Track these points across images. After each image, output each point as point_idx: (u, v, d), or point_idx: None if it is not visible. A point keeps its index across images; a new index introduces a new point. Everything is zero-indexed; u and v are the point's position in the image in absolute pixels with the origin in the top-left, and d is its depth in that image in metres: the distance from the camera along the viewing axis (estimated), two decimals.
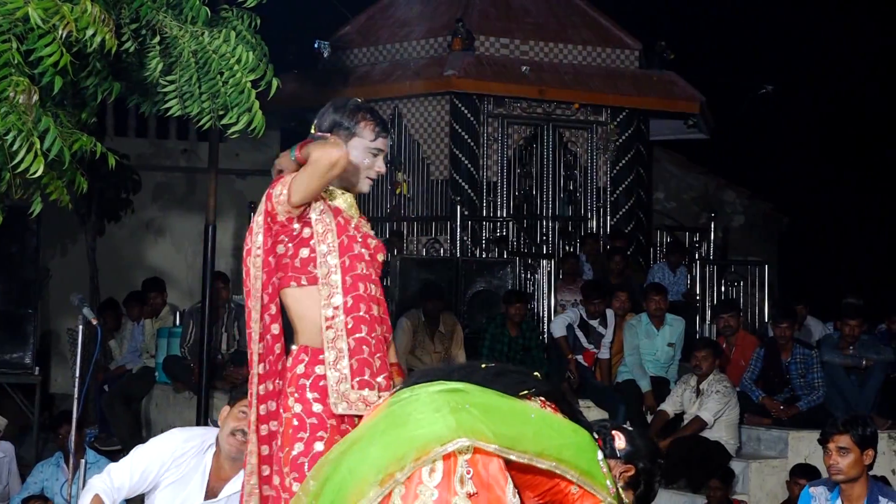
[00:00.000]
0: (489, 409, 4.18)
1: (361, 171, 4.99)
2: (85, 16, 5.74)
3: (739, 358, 11.94)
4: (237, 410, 5.93)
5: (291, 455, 4.78)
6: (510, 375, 4.37)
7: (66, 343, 14.93)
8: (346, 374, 4.79)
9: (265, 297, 4.92)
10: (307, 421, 4.79)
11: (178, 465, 5.94)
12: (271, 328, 4.94)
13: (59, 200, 7.03)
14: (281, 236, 4.90)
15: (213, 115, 7.13)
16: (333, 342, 4.82)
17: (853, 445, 6.60)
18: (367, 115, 5.01)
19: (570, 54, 16.39)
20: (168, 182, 17.36)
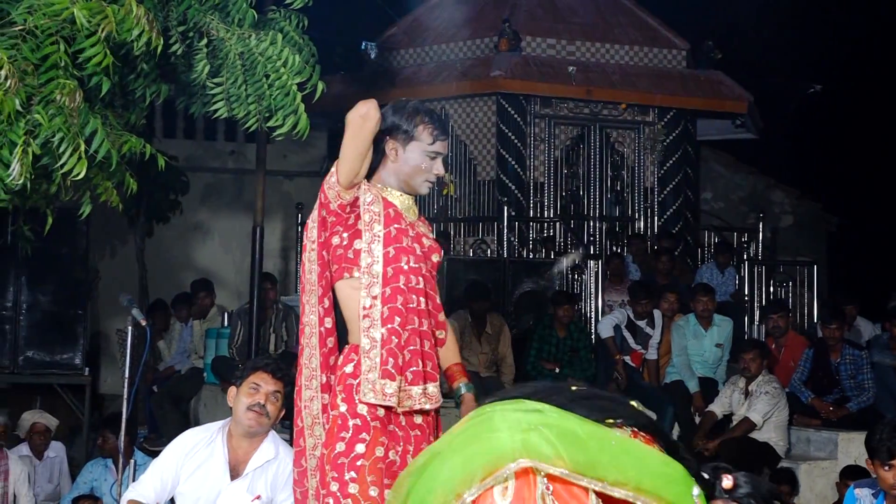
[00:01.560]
0: (564, 432, 4.08)
1: (420, 173, 5.01)
2: (130, 17, 5.78)
3: (789, 359, 11.88)
4: (247, 387, 5.96)
5: (333, 454, 4.79)
6: (598, 401, 4.25)
7: (115, 344, 15.03)
8: (376, 363, 4.79)
9: (319, 290, 4.97)
10: (350, 422, 4.80)
11: (192, 457, 5.98)
12: (324, 321, 4.99)
13: (109, 202, 7.08)
14: (336, 227, 4.93)
15: (259, 118, 7.16)
16: (368, 331, 4.83)
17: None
18: (426, 118, 5.03)
19: (617, 54, 16.35)
20: (216, 183, 17.43)
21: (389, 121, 4.98)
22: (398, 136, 4.97)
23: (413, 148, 4.98)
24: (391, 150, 4.98)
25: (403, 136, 4.97)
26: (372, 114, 4.75)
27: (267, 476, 5.91)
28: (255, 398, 5.92)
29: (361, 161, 4.82)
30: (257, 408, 5.90)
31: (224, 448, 5.98)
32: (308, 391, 4.98)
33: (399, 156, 4.99)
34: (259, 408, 5.90)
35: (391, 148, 4.98)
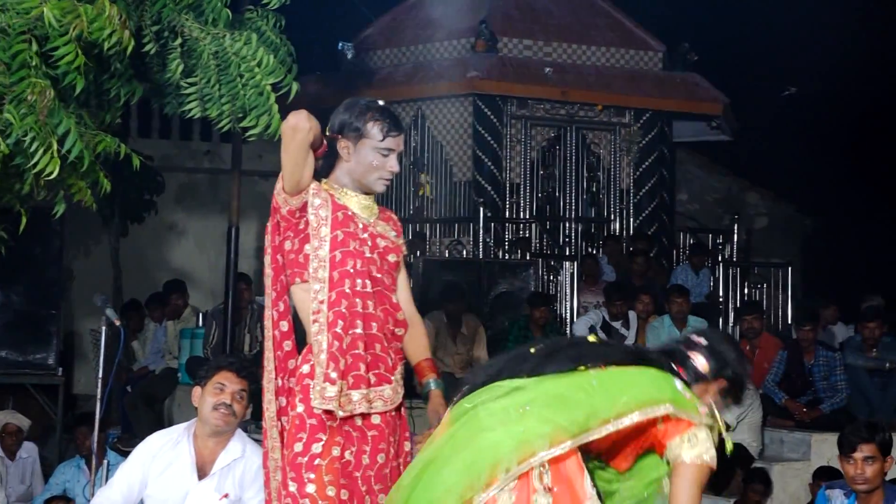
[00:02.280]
0: (551, 399, 4.15)
1: (373, 171, 4.96)
2: (101, 17, 5.76)
3: (762, 360, 11.90)
4: (212, 387, 5.95)
5: (291, 454, 4.79)
6: (563, 352, 4.32)
7: (89, 344, 14.97)
8: (322, 368, 4.78)
9: (273, 293, 4.96)
10: (307, 422, 4.79)
11: (158, 460, 5.98)
12: (279, 325, 4.98)
13: (83, 201, 7.06)
14: (287, 231, 4.93)
15: (233, 118, 7.15)
16: (316, 336, 4.81)
17: (878, 454, 6.53)
18: (376, 115, 4.97)
19: (594, 56, 16.38)
20: (191, 183, 17.40)
21: (339, 120, 4.98)
22: (349, 134, 4.94)
23: (364, 145, 4.93)
24: (343, 148, 4.95)
25: (354, 134, 4.93)
26: (301, 125, 4.70)
27: (234, 474, 5.90)
28: (220, 398, 5.91)
29: (301, 170, 4.79)
30: (223, 408, 5.89)
31: (190, 449, 5.97)
32: (267, 394, 4.99)
33: (351, 155, 4.94)
34: (225, 407, 5.89)
35: (342, 147, 4.95)
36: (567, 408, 4.13)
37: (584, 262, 14.28)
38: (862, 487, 6.58)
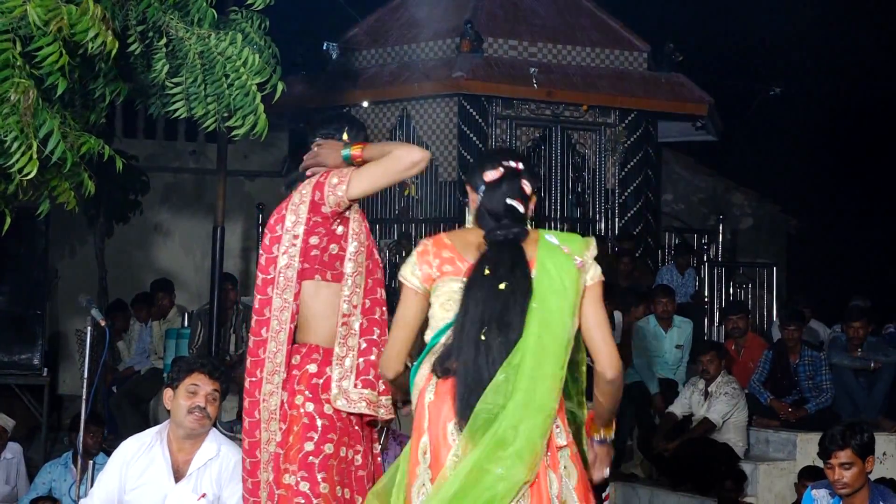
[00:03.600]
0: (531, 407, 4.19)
1: None
2: (85, 18, 5.74)
3: (748, 360, 11.94)
4: (185, 389, 5.94)
5: (301, 454, 4.83)
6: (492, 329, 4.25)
7: (74, 344, 14.94)
8: (351, 371, 4.86)
9: (296, 287, 5.00)
10: (318, 422, 4.86)
11: (134, 466, 5.98)
12: (295, 318, 5.03)
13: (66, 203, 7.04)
14: (318, 228, 4.99)
15: (218, 117, 7.13)
16: (345, 339, 4.90)
17: (855, 458, 6.55)
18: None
19: (579, 56, 16.39)
20: (177, 183, 17.37)
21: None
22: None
23: None
24: None
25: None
26: (422, 165, 4.90)
27: (211, 474, 5.90)
28: (194, 400, 5.90)
29: (378, 190, 5.02)
30: (197, 411, 5.89)
31: (164, 452, 5.97)
32: (269, 385, 4.98)
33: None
34: (199, 410, 5.89)
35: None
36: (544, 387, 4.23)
37: None
38: (843, 491, 6.61)
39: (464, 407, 4.19)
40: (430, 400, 4.29)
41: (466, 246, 4.40)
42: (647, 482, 11.23)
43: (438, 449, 4.22)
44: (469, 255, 4.37)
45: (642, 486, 11.13)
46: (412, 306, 4.43)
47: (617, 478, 11.10)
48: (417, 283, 4.39)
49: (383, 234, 15.53)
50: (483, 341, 4.21)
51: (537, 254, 4.37)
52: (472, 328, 4.22)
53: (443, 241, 4.45)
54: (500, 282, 4.25)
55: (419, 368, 4.36)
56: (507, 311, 4.24)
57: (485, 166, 4.53)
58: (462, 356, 4.22)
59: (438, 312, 4.38)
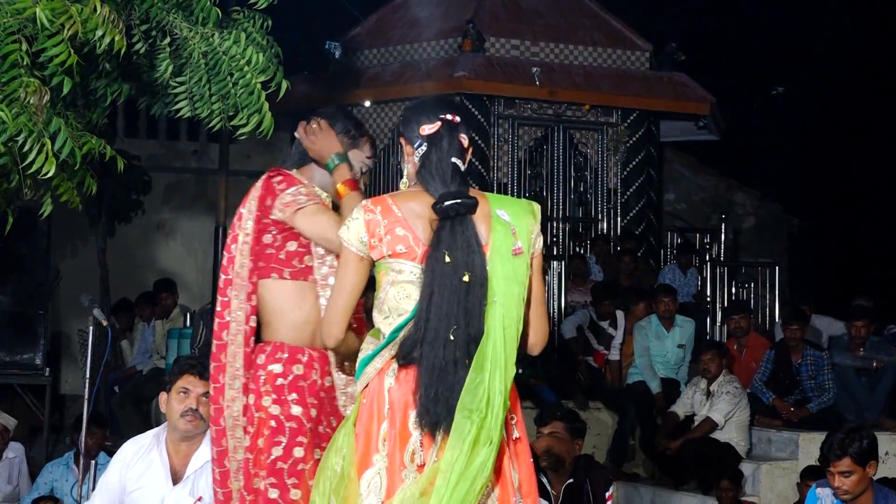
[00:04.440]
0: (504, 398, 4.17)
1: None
2: (94, 17, 5.75)
3: (750, 360, 11.93)
4: (176, 392, 5.94)
5: (269, 459, 4.72)
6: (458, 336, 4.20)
7: (76, 344, 14.95)
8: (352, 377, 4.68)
9: (249, 286, 4.88)
10: (286, 425, 4.73)
11: (133, 468, 5.99)
12: (250, 319, 4.88)
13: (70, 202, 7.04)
14: (271, 228, 4.90)
15: (223, 117, 7.13)
16: (341, 366, 4.81)
17: (855, 466, 6.53)
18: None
19: (581, 56, 16.37)
20: (179, 183, 17.38)
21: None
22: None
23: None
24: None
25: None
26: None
27: (207, 476, 5.88)
28: (186, 403, 5.90)
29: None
30: (190, 414, 5.89)
31: (162, 455, 5.97)
32: (231, 391, 4.85)
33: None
34: (192, 413, 5.89)
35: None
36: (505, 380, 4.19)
37: (571, 261, 14.28)
38: (845, 498, 6.60)
39: (427, 400, 4.12)
40: (391, 385, 4.20)
41: (417, 218, 4.26)
42: (650, 482, 11.23)
43: (397, 437, 4.16)
44: (420, 231, 4.24)
45: (645, 486, 11.13)
46: (356, 272, 4.30)
47: (619, 477, 11.11)
48: (365, 249, 4.25)
49: None
50: (451, 340, 4.14)
51: (492, 238, 4.28)
52: (440, 324, 4.14)
53: (392, 211, 4.26)
54: (461, 271, 4.16)
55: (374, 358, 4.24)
56: (469, 304, 4.16)
57: (420, 119, 4.40)
58: (427, 350, 4.14)
59: (394, 300, 4.25)
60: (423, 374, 4.15)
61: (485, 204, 4.35)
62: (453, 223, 4.21)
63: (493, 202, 4.40)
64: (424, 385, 4.14)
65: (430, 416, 4.13)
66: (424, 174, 4.34)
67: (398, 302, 4.24)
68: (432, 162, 4.34)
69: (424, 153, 4.36)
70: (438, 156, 4.34)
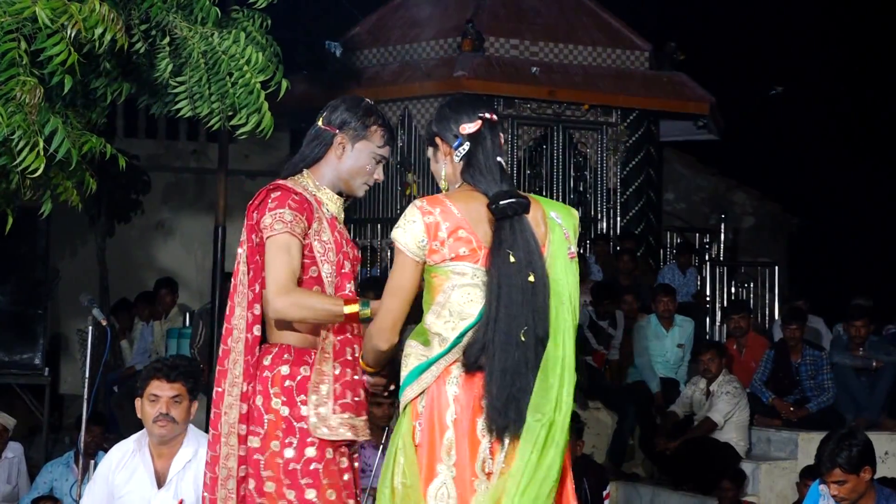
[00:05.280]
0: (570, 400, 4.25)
1: (363, 174, 4.87)
2: (94, 15, 5.75)
3: (750, 359, 11.93)
4: (147, 398, 5.94)
5: (282, 460, 4.64)
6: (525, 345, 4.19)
7: (75, 344, 14.94)
8: (328, 397, 4.64)
9: (250, 295, 4.75)
10: (296, 426, 4.64)
11: (120, 472, 5.99)
12: (253, 328, 4.75)
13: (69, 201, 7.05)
14: None
15: (223, 116, 7.13)
16: (320, 364, 4.67)
17: (847, 475, 6.53)
18: (380, 121, 4.89)
19: (580, 55, 16.37)
20: (178, 183, 17.37)
21: (342, 117, 4.85)
22: (348, 132, 4.83)
23: (361, 147, 4.84)
24: (339, 144, 4.82)
25: (353, 133, 4.82)
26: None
27: (188, 478, 5.88)
28: (157, 408, 5.89)
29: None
30: (161, 419, 5.88)
31: (146, 458, 5.97)
32: (229, 398, 4.73)
33: (345, 153, 4.83)
34: (162, 417, 5.88)
35: (339, 143, 4.82)
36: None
37: None
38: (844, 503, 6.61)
39: (499, 404, 4.09)
40: (456, 393, 4.16)
41: (478, 221, 4.21)
42: (649, 481, 11.23)
43: (468, 446, 4.12)
44: (481, 233, 4.19)
45: (644, 486, 11.13)
46: (412, 276, 4.24)
47: (618, 477, 11.11)
48: (422, 254, 4.20)
49: (384, 233, 15.52)
50: (523, 342, 4.11)
51: (550, 240, 4.28)
52: (511, 325, 4.10)
53: (452, 213, 4.22)
54: (526, 270, 4.13)
55: (433, 364, 4.19)
56: (536, 304, 4.14)
57: (459, 117, 4.37)
58: (498, 352, 4.09)
59: (457, 304, 4.21)
60: (495, 377, 4.11)
61: (536, 205, 4.33)
62: (512, 223, 4.18)
63: (545, 204, 4.39)
64: (497, 388, 4.10)
65: (502, 420, 4.10)
66: (473, 173, 4.31)
67: (462, 306, 4.21)
68: (480, 161, 4.31)
69: (468, 152, 4.33)
70: (484, 154, 4.32)
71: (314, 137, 4.90)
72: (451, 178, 4.41)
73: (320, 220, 4.77)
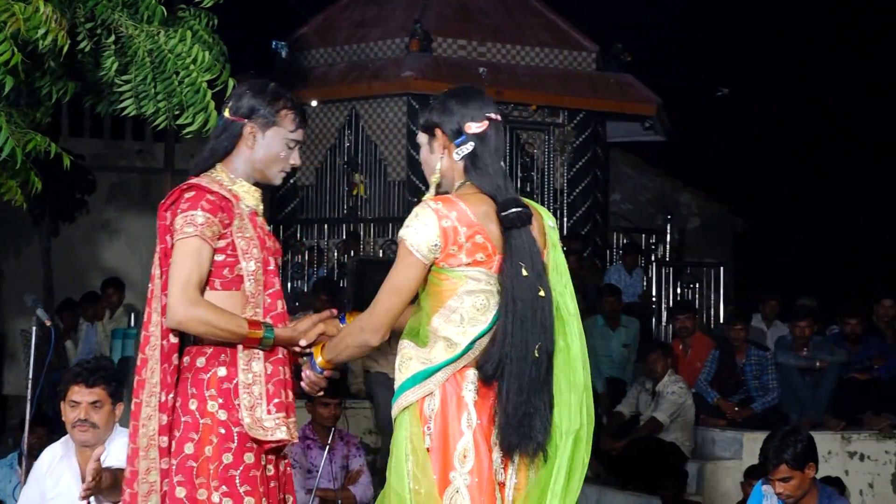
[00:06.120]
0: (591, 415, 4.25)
1: (278, 162, 4.66)
2: (36, 15, 5.70)
3: (695, 359, 11.98)
4: (67, 405, 5.87)
5: (221, 467, 4.44)
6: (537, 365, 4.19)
7: (19, 344, 14.83)
8: (261, 398, 4.51)
9: (164, 299, 4.52)
10: (234, 430, 4.47)
11: (50, 476, 5.95)
12: (169, 335, 4.53)
13: (14, 200, 6.99)
14: None
15: (169, 115, 7.10)
16: (249, 364, 4.51)
17: (792, 471, 6.58)
18: (289, 104, 4.66)
19: (528, 56, 16.41)
20: (123, 182, 17.28)
21: (249, 104, 4.63)
22: (257, 120, 4.61)
23: (273, 134, 4.61)
24: (249, 134, 4.61)
25: (263, 120, 4.60)
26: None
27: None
28: (76, 414, 5.81)
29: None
30: (80, 424, 5.80)
31: (73, 462, 5.92)
32: (147, 409, 4.51)
33: (256, 142, 4.62)
34: (81, 423, 5.80)
35: (249, 133, 4.61)
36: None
37: None
38: (788, 502, 6.65)
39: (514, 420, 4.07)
40: (475, 399, 4.11)
41: (490, 224, 4.14)
42: (595, 481, 11.24)
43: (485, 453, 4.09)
44: (494, 238, 4.11)
45: (590, 486, 11.14)
46: (417, 277, 4.17)
47: None
48: (431, 257, 4.11)
49: (332, 233, 15.50)
50: (536, 357, 4.09)
51: (552, 252, 4.27)
52: (526, 340, 4.07)
53: (468, 216, 4.11)
54: (537, 285, 4.11)
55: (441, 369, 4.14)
56: (544, 319, 4.12)
57: (464, 113, 4.28)
58: (515, 368, 4.07)
59: (470, 309, 4.14)
60: (512, 394, 4.07)
61: (537, 214, 4.28)
62: (521, 233, 4.13)
63: (541, 211, 4.35)
64: (513, 406, 4.07)
65: (516, 437, 4.08)
66: (480, 176, 4.23)
67: (475, 312, 4.14)
68: (487, 164, 4.23)
69: (473, 152, 4.25)
70: (490, 157, 4.24)
71: (222, 130, 4.70)
72: (448, 172, 4.33)
73: (241, 216, 4.57)
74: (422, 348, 4.18)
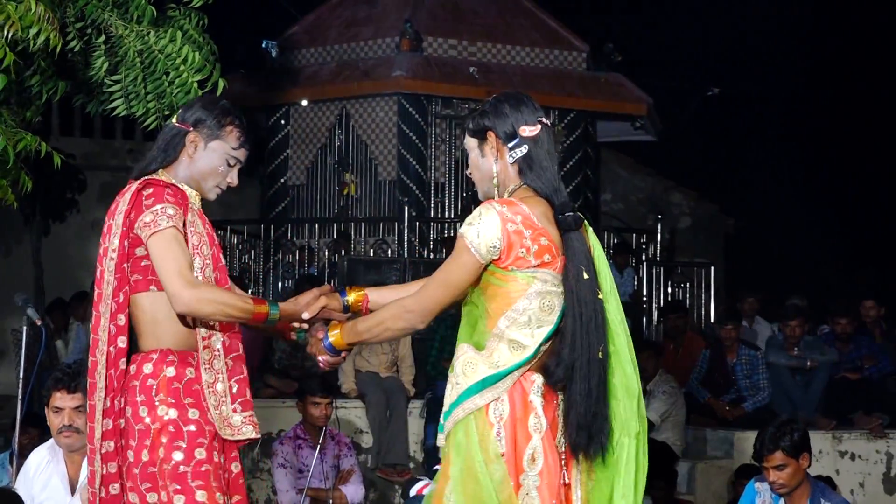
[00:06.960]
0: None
1: (215, 176, 4.66)
2: (29, 14, 5.70)
3: (686, 359, 11.98)
4: (51, 411, 5.92)
5: (171, 465, 4.43)
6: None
7: (10, 344, 14.81)
8: (225, 396, 4.52)
9: (114, 306, 4.50)
10: (184, 429, 4.45)
11: (38, 478, 5.97)
12: (117, 340, 4.50)
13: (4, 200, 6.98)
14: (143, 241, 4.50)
15: (159, 115, 7.09)
16: (210, 363, 4.52)
17: (788, 458, 6.61)
18: (236, 122, 4.68)
19: (518, 56, 16.41)
20: (114, 182, 17.22)
21: (197, 115, 4.65)
22: (202, 130, 4.62)
23: (215, 147, 4.63)
24: (191, 143, 4.61)
25: (208, 132, 4.62)
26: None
27: None
28: (60, 420, 5.86)
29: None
30: (65, 430, 5.85)
31: (61, 465, 5.96)
32: (96, 413, 4.52)
33: (197, 151, 4.62)
34: (66, 429, 5.85)
35: (191, 141, 4.61)
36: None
37: None
38: (781, 491, 6.68)
39: (584, 422, 4.13)
40: (543, 403, 4.13)
41: (550, 226, 4.17)
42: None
43: (552, 454, 4.13)
44: (555, 238, 4.15)
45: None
46: (472, 276, 4.18)
47: None
48: (489, 257, 4.12)
49: (322, 233, 15.48)
50: (600, 360, 4.17)
51: (598, 256, 4.31)
52: (591, 342, 4.15)
53: (532, 220, 4.13)
54: (595, 288, 4.17)
55: (509, 374, 4.12)
56: (601, 322, 4.19)
57: (518, 117, 4.32)
58: (584, 370, 4.14)
59: (539, 311, 4.14)
60: (582, 395, 4.14)
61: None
62: (577, 236, 4.20)
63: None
64: (584, 408, 4.13)
65: (585, 438, 4.14)
66: (538, 178, 4.27)
67: (542, 313, 4.16)
68: (544, 167, 4.27)
69: (527, 155, 4.28)
70: (545, 161, 4.29)
71: (167, 136, 4.70)
72: (503, 176, 4.35)
73: (193, 211, 4.58)
74: (481, 352, 4.19)
